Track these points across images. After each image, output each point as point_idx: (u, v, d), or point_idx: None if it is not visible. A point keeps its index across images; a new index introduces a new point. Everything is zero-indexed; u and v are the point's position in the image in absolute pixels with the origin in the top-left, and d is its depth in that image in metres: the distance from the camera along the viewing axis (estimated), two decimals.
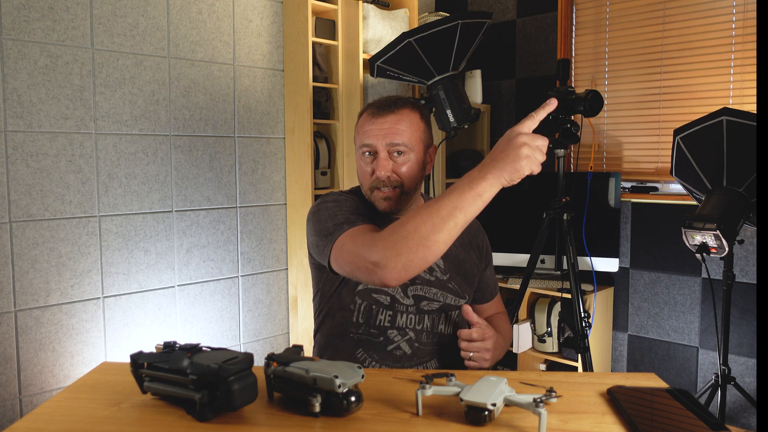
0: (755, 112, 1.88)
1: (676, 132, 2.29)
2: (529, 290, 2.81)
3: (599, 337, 2.86)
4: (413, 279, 1.39)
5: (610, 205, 2.81)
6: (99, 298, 2.30)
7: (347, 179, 2.80)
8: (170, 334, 2.50)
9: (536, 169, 1.06)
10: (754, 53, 2.54)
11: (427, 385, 0.95)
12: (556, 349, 2.88)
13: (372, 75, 2.63)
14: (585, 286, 2.80)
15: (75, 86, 2.21)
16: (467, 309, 1.30)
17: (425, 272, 1.41)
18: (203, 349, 0.98)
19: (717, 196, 2.10)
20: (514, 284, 2.88)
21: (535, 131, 1.08)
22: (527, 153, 1.04)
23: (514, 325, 2.80)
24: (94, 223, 2.28)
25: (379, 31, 2.85)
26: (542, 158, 1.06)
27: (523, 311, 2.94)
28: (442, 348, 1.43)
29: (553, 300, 2.89)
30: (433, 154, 1.45)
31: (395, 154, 1.35)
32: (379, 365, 1.37)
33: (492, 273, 1.59)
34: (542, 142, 1.06)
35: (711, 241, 2.04)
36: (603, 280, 2.99)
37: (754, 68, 2.54)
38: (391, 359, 1.37)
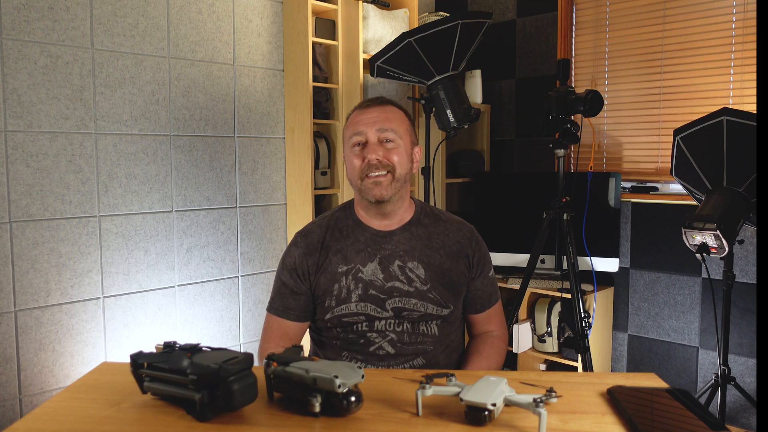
0: (755, 112, 1.88)
1: (676, 132, 2.29)
2: (529, 290, 2.81)
3: (599, 337, 2.86)
4: (391, 291, 1.39)
5: (610, 205, 2.81)
6: (99, 298, 2.30)
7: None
8: (170, 334, 2.50)
9: None
10: (754, 53, 2.54)
11: (427, 385, 0.95)
12: (556, 349, 2.88)
13: (372, 75, 2.64)
14: (585, 286, 2.80)
15: (75, 86, 2.21)
16: None
17: (404, 283, 1.40)
18: (203, 349, 0.98)
19: (717, 196, 2.10)
20: (514, 284, 2.88)
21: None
22: None
23: (514, 325, 2.80)
24: (94, 223, 2.28)
25: (379, 31, 2.85)
26: None
27: (523, 311, 2.94)
28: (427, 347, 1.42)
29: (553, 300, 2.89)
30: (419, 155, 1.51)
31: (385, 142, 1.41)
32: (365, 365, 1.39)
33: (485, 285, 1.51)
34: None
35: (711, 241, 2.04)
36: (603, 280, 2.99)
37: (754, 68, 2.54)
38: (375, 359, 1.39)
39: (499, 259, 2.99)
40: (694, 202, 2.42)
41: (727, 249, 2.03)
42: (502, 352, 1.51)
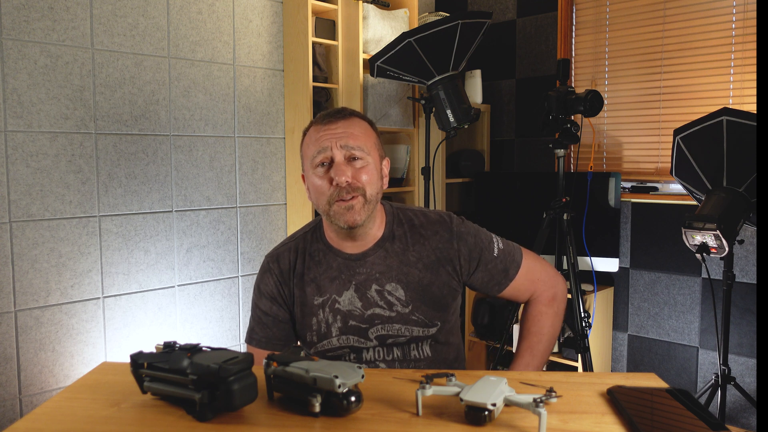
0: (755, 112, 1.88)
1: (676, 132, 2.29)
2: None
3: (599, 337, 2.86)
4: (372, 320, 1.31)
5: (610, 205, 2.81)
6: (99, 298, 2.30)
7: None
8: (170, 334, 2.50)
9: None
10: (754, 53, 2.54)
11: (427, 385, 0.95)
12: (556, 349, 2.88)
13: (372, 75, 2.64)
14: (585, 286, 2.80)
15: (75, 86, 2.21)
16: None
17: (384, 309, 1.31)
18: (203, 349, 0.98)
19: (717, 196, 2.10)
20: None
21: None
22: None
23: (514, 325, 2.80)
24: (94, 223, 2.28)
25: (379, 31, 2.85)
26: None
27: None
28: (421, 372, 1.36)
29: None
30: (387, 168, 1.37)
31: (352, 160, 1.26)
32: None
33: (494, 267, 1.38)
34: None
35: (711, 241, 2.04)
36: (603, 280, 2.99)
37: (754, 68, 2.54)
38: None
39: None
40: (694, 202, 2.42)
41: (727, 249, 2.03)
42: (550, 316, 1.44)
